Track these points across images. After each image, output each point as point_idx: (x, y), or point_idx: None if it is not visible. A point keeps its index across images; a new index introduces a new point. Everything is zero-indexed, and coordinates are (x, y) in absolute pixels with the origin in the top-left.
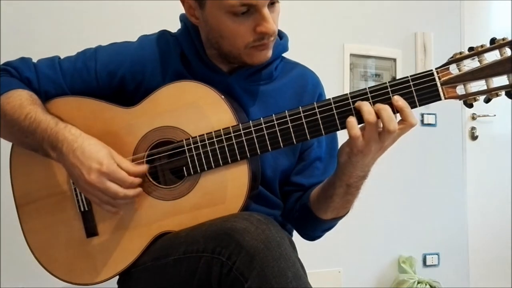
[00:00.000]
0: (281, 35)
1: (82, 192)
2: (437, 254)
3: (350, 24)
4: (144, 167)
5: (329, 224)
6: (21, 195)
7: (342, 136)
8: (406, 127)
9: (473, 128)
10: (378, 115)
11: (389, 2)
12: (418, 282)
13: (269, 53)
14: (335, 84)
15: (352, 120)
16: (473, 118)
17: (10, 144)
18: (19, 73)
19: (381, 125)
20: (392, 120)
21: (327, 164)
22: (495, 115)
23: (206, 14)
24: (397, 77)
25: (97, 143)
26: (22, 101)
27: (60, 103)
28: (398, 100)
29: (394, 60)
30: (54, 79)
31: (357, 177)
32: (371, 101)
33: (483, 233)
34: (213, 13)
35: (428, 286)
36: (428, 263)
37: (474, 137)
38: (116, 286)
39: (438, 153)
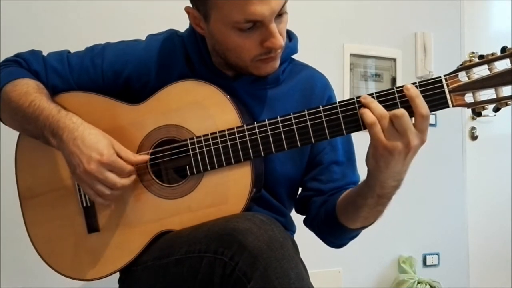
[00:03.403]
0: (290, 37)
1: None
2: (437, 254)
3: (350, 24)
4: (144, 157)
5: (356, 232)
6: (25, 189)
7: (357, 140)
8: (417, 119)
9: (473, 128)
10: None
11: (389, 2)
12: (418, 282)
13: (277, 63)
14: (335, 84)
15: (364, 110)
16: (473, 118)
17: (10, 144)
18: (28, 65)
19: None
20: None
21: (345, 168)
22: (495, 115)
23: (211, 27)
24: (397, 77)
25: (98, 133)
26: (28, 89)
27: (68, 97)
28: (409, 89)
29: (394, 60)
30: (62, 74)
31: (390, 187)
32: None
33: (483, 233)
34: (218, 26)
35: (428, 286)
36: (428, 263)
37: (474, 137)
38: (117, 285)
39: (438, 153)
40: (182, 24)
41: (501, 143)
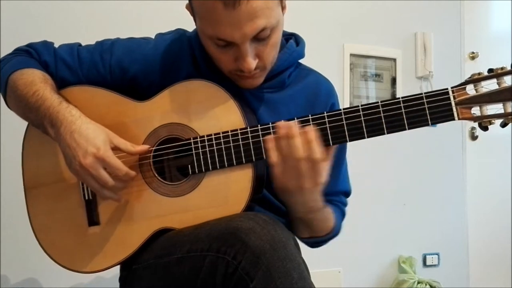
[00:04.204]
0: (298, 41)
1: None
2: (437, 254)
3: (350, 24)
4: (144, 147)
5: (314, 240)
6: (30, 178)
7: (356, 147)
8: (311, 162)
9: (473, 128)
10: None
11: (389, 2)
12: (418, 282)
13: (257, 81)
14: (335, 84)
15: (271, 147)
16: None
17: (11, 143)
18: (39, 56)
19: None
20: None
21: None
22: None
23: (198, 30)
24: (397, 77)
25: (96, 128)
26: (34, 78)
27: (76, 91)
28: (308, 131)
29: (394, 60)
30: (71, 67)
31: (302, 213)
32: (382, 114)
33: (483, 233)
34: (200, 33)
35: (428, 286)
36: (428, 263)
37: (474, 137)
38: (118, 284)
39: (438, 153)
40: (183, 23)
41: (501, 143)
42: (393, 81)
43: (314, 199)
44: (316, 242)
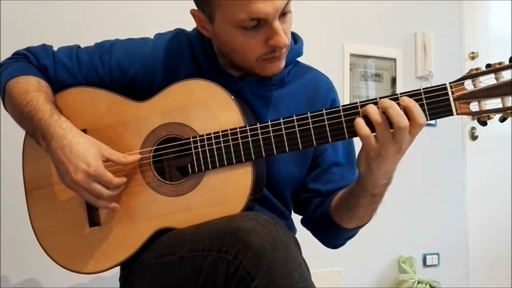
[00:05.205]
0: (296, 39)
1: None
2: (437, 254)
3: (350, 24)
4: (135, 157)
5: (353, 232)
6: (31, 180)
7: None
8: (415, 127)
9: (473, 128)
10: (386, 114)
11: (389, 2)
12: (418, 282)
13: (282, 63)
14: (335, 84)
15: (359, 120)
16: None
17: (11, 144)
18: (37, 60)
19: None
20: (400, 116)
21: (345, 169)
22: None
23: (216, 28)
24: (397, 77)
25: (86, 142)
26: (28, 86)
27: (75, 92)
28: (405, 99)
29: (394, 60)
30: (71, 69)
31: (382, 185)
32: (381, 111)
33: (483, 233)
34: (222, 27)
35: (428, 286)
36: (428, 263)
37: (474, 137)
38: (118, 283)
39: (438, 153)
40: (186, 23)
41: (501, 143)
42: (393, 81)
43: (395, 168)
44: (352, 235)
